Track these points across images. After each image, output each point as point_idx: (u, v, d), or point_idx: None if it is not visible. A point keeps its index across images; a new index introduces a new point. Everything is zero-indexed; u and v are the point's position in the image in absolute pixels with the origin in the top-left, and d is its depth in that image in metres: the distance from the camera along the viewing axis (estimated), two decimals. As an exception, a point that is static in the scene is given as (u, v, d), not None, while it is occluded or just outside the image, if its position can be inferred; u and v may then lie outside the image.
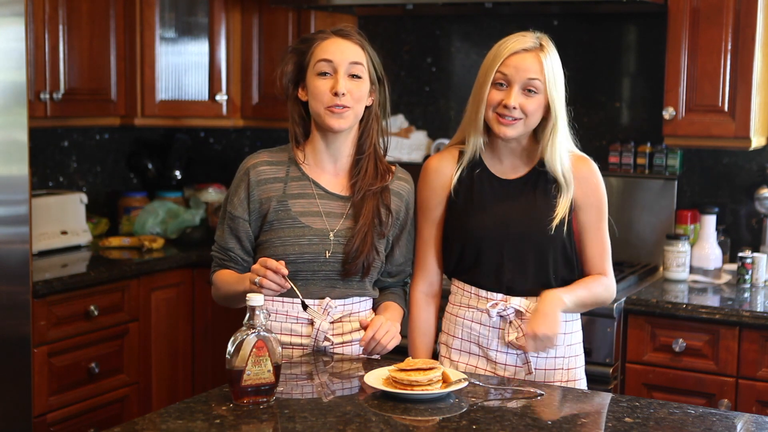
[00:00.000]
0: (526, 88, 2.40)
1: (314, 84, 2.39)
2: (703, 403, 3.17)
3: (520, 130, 2.42)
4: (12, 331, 3.21)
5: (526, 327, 2.40)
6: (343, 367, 2.40)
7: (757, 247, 3.70)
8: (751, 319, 3.15)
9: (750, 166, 3.77)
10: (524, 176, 2.50)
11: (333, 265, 2.42)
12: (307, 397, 2.18)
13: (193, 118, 4.27)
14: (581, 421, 2.06)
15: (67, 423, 3.53)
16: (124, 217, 4.39)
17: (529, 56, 2.40)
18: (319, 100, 2.39)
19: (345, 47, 2.40)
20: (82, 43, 3.88)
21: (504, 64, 2.40)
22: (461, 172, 2.50)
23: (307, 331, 2.43)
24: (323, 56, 2.39)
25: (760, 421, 2.08)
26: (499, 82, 2.41)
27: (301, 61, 2.45)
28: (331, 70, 2.39)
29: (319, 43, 2.42)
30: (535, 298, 2.46)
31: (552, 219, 2.45)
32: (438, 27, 4.24)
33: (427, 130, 4.28)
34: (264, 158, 2.47)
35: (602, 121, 4.01)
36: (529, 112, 2.40)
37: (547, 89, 2.41)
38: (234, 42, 4.23)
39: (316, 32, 2.50)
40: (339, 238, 2.43)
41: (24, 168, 3.22)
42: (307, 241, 2.41)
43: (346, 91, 2.37)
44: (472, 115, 2.47)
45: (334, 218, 2.44)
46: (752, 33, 3.39)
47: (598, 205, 2.52)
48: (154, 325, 3.89)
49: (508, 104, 2.38)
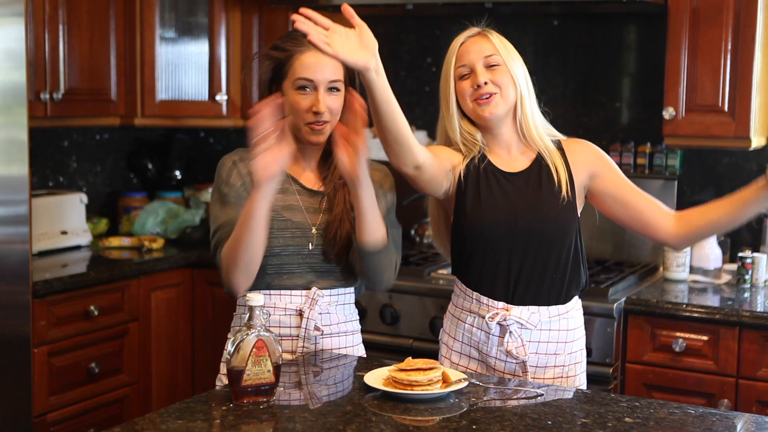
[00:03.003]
0: (487, 66, 2.44)
1: (294, 99, 2.40)
2: (703, 403, 3.17)
3: (500, 104, 2.44)
4: (12, 331, 3.21)
5: None
6: (344, 367, 2.40)
7: (757, 247, 3.70)
8: (751, 319, 3.15)
9: (750, 166, 3.77)
10: (527, 169, 2.50)
11: (317, 257, 2.45)
12: (307, 397, 2.18)
13: (193, 118, 4.27)
14: (581, 421, 2.06)
15: (67, 423, 3.53)
16: (124, 217, 4.39)
17: (477, 39, 2.49)
18: (299, 116, 2.40)
19: (325, 64, 2.38)
20: (82, 43, 3.88)
21: (458, 57, 2.47)
22: (468, 162, 2.49)
23: (297, 322, 2.44)
24: (303, 74, 2.38)
25: (760, 421, 2.08)
26: (462, 75, 2.46)
27: (277, 68, 2.43)
28: (311, 87, 2.39)
29: (298, 56, 2.40)
30: (538, 308, 2.45)
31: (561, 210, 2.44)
32: (438, 27, 4.24)
33: (427, 130, 4.28)
34: (244, 155, 2.46)
35: (602, 121, 4.01)
36: (500, 83, 2.44)
37: (505, 60, 2.45)
38: (234, 42, 4.23)
39: (293, 36, 2.43)
40: (320, 231, 2.46)
41: (24, 168, 3.22)
42: (290, 234, 2.43)
43: (325, 108, 2.39)
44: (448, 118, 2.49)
45: (313, 213, 2.47)
46: (752, 33, 3.39)
47: (609, 164, 2.55)
48: (154, 325, 3.89)
49: (478, 82, 2.43)
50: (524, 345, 2.43)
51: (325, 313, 2.47)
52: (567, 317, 2.49)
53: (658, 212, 2.51)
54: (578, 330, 2.53)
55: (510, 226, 2.44)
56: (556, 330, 2.47)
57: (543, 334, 2.46)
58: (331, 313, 2.48)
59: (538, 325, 2.45)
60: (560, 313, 2.48)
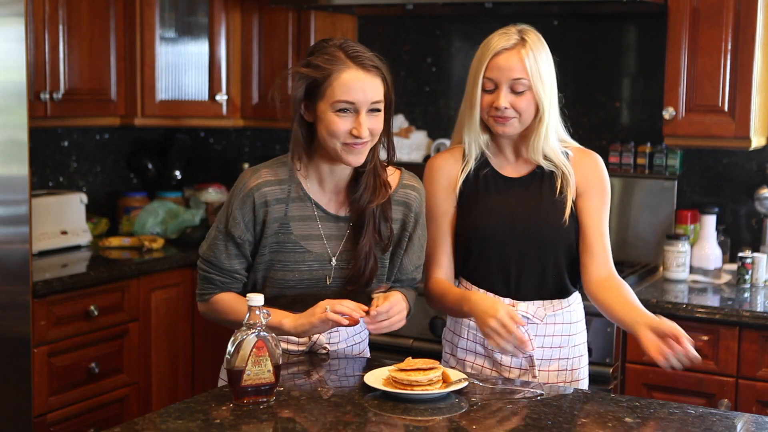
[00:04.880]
0: (513, 88, 2.42)
1: (332, 120, 2.22)
2: (703, 403, 3.17)
3: (517, 126, 2.45)
4: (12, 331, 3.21)
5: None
6: (343, 367, 2.40)
7: (757, 247, 3.70)
8: (751, 319, 3.15)
9: (750, 166, 3.77)
10: (529, 174, 2.52)
11: (333, 289, 2.36)
12: (307, 397, 2.18)
13: (193, 118, 4.27)
14: (581, 421, 2.06)
15: (67, 423, 3.53)
16: (124, 217, 4.39)
17: (511, 55, 2.41)
18: (336, 137, 2.23)
19: (367, 85, 2.22)
20: (82, 43, 3.88)
21: (489, 68, 2.42)
22: (468, 172, 2.51)
23: (303, 340, 2.39)
24: (344, 97, 2.20)
25: (760, 421, 2.08)
26: (486, 88, 2.44)
27: (312, 86, 2.25)
28: (352, 109, 2.22)
29: (338, 75, 2.21)
30: (542, 302, 2.48)
31: (560, 216, 2.45)
32: (438, 27, 4.24)
33: (427, 130, 4.28)
34: (266, 178, 2.32)
35: (602, 121, 4.01)
36: (520, 109, 2.42)
37: (533, 85, 2.42)
38: (234, 42, 4.23)
39: (326, 50, 2.26)
40: (341, 263, 2.35)
41: (24, 168, 3.22)
42: (307, 267, 2.33)
43: (367, 132, 2.24)
44: (468, 119, 2.49)
45: (334, 241, 2.36)
46: (752, 33, 3.39)
47: (600, 192, 2.50)
48: (154, 325, 3.89)
49: (498, 106, 2.41)
50: (531, 339, 2.42)
51: (335, 331, 2.41)
52: (570, 310, 2.52)
53: (597, 263, 2.46)
54: (580, 323, 2.56)
55: (508, 230, 2.46)
56: (561, 323, 2.49)
57: (548, 328, 2.48)
58: (339, 331, 2.43)
59: (543, 319, 2.47)
60: (563, 306, 2.50)
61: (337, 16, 4.28)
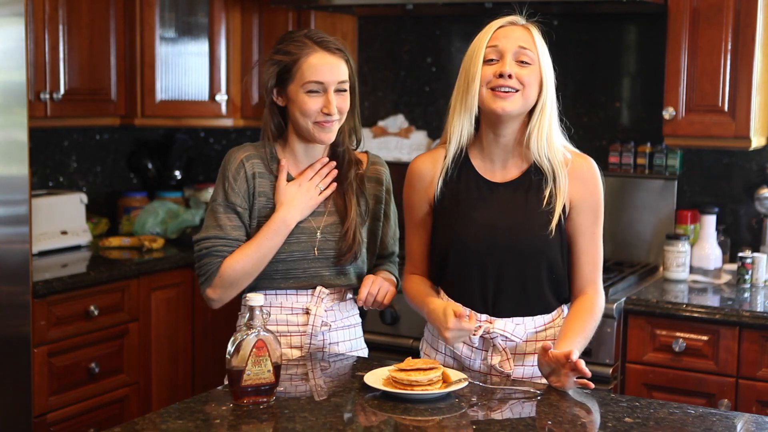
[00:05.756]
0: (518, 59, 2.27)
1: (303, 100, 2.40)
2: (703, 403, 3.17)
3: (518, 103, 2.26)
4: (12, 331, 3.21)
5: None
6: (344, 367, 2.40)
7: (757, 247, 3.70)
8: (751, 319, 3.15)
9: (750, 166, 3.77)
10: (516, 179, 2.35)
11: (321, 261, 2.48)
12: (307, 397, 2.18)
13: (193, 118, 4.27)
14: (581, 421, 2.06)
15: (67, 423, 3.53)
16: (124, 217, 4.39)
17: (518, 29, 2.32)
18: (308, 116, 2.41)
19: (333, 66, 2.40)
20: (82, 43, 3.88)
21: (493, 37, 2.29)
22: (446, 173, 2.38)
23: (303, 320, 2.48)
24: (313, 77, 2.38)
25: (760, 421, 2.08)
26: (489, 58, 2.28)
27: (282, 72, 2.43)
28: (321, 89, 2.40)
29: (305, 59, 2.40)
30: (522, 319, 2.34)
31: (544, 227, 2.29)
32: (438, 27, 4.24)
33: (427, 130, 4.28)
34: (252, 151, 2.49)
35: (602, 121, 4.01)
36: (526, 82, 2.26)
37: (540, 61, 2.28)
38: (234, 42, 4.23)
39: (294, 38, 2.44)
40: (326, 235, 2.48)
41: (24, 168, 3.22)
42: (295, 239, 2.46)
43: (335, 109, 2.41)
44: (461, 101, 2.31)
45: (317, 215, 2.49)
46: (752, 33, 3.39)
47: (594, 207, 2.35)
48: (154, 325, 3.89)
49: (503, 72, 2.24)
50: (509, 359, 2.34)
51: (330, 310, 2.52)
52: (553, 326, 2.38)
53: (578, 280, 2.38)
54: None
55: (488, 242, 2.31)
56: (542, 340, 2.35)
57: (529, 346, 2.35)
58: (335, 310, 2.53)
59: (523, 336, 2.34)
60: (545, 323, 2.37)
61: (337, 16, 4.28)
